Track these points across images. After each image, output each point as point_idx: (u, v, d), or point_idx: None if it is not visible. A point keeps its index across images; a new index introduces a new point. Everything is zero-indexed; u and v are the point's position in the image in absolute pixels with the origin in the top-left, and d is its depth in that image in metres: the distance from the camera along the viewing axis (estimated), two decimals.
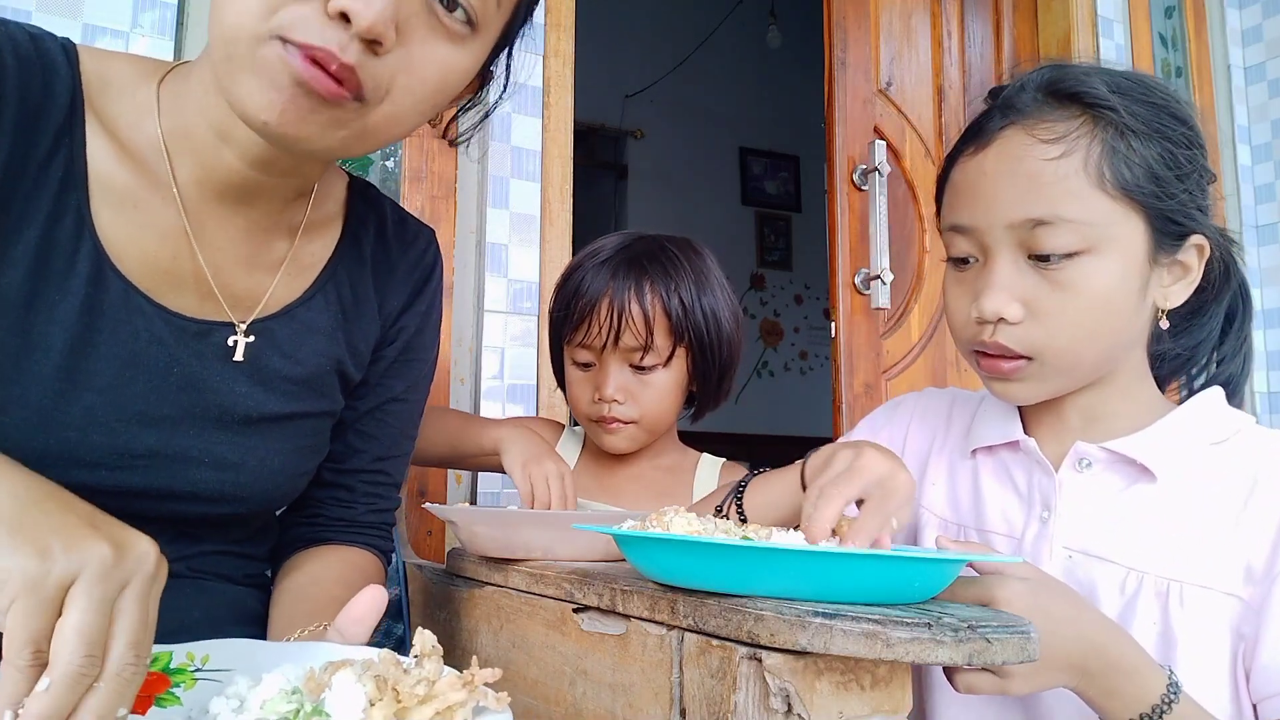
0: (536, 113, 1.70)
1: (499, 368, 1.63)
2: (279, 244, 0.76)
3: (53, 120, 0.65)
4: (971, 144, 0.83)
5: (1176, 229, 0.78)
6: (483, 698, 0.52)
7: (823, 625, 0.49)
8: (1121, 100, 0.77)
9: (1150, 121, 0.77)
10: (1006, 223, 0.78)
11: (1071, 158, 0.76)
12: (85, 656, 0.41)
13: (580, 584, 0.69)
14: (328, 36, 0.58)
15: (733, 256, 5.13)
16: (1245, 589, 0.74)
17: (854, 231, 2.09)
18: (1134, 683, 0.68)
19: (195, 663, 0.55)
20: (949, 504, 0.93)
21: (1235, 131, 2.58)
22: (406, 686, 0.49)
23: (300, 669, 0.52)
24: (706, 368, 1.13)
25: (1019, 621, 0.52)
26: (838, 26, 2.13)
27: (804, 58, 4.59)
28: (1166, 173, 0.77)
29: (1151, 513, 0.80)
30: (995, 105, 0.83)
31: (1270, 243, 2.55)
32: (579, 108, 1.79)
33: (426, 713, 0.49)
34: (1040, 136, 0.77)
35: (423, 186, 1.58)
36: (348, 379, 0.83)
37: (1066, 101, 0.78)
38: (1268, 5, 2.58)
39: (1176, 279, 0.81)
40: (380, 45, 0.59)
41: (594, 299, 1.09)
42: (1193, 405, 0.84)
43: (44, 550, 0.42)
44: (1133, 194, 0.76)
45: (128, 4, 1.35)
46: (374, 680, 0.49)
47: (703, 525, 0.63)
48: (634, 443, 1.14)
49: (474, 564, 0.86)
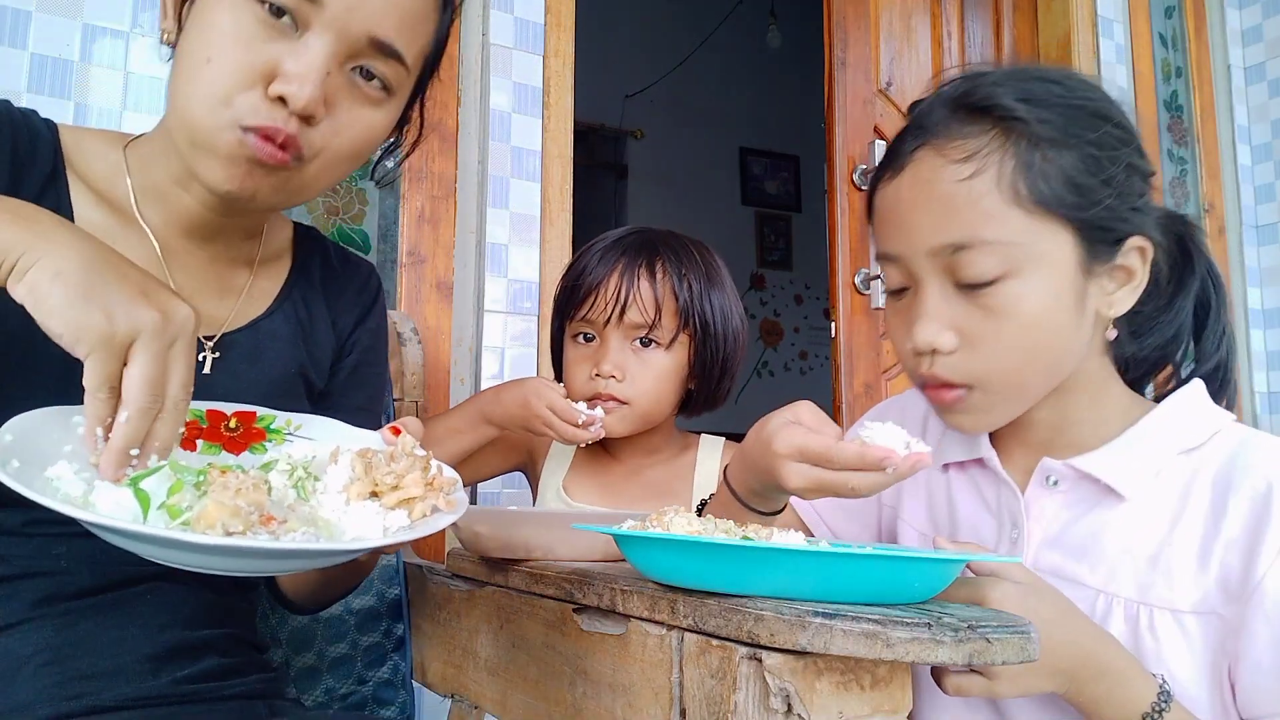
0: (536, 113, 1.70)
1: (499, 368, 1.63)
2: (239, 274, 0.87)
3: (40, 170, 0.76)
4: (889, 169, 0.79)
5: (1109, 235, 0.74)
6: (439, 498, 0.63)
7: (823, 625, 0.49)
8: (1032, 109, 0.73)
9: (1065, 127, 0.73)
10: (927, 250, 0.74)
11: (984, 176, 0.72)
12: (151, 396, 0.55)
13: (580, 584, 0.69)
14: (274, 116, 0.70)
15: (733, 256, 5.08)
16: (1225, 607, 0.72)
17: (854, 231, 2.08)
18: (1123, 690, 0.68)
19: (289, 428, 0.74)
20: (927, 518, 0.92)
21: (1235, 131, 2.58)
22: (380, 474, 0.62)
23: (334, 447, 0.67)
24: (709, 361, 1.12)
25: (1019, 621, 0.52)
26: (838, 26, 2.13)
27: (804, 58, 4.59)
28: (1088, 179, 0.72)
29: (1121, 532, 0.77)
30: (908, 126, 0.79)
31: (1270, 243, 2.55)
32: (579, 108, 1.79)
33: (392, 499, 0.61)
34: (951, 157, 0.73)
35: (423, 186, 1.58)
36: (311, 385, 0.89)
37: (977, 116, 0.74)
38: (1268, 5, 2.58)
39: (1120, 284, 0.77)
40: (313, 118, 0.71)
41: (603, 274, 1.09)
42: (1168, 406, 0.80)
43: (110, 315, 0.54)
44: (1052, 207, 0.72)
45: (128, 4, 1.35)
46: (363, 464, 0.62)
47: (703, 525, 0.63)
48: (626, 424, 1.12)
49: (474, 564, 0.86)
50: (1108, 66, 2.38)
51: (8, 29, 1.27)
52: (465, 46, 1.65)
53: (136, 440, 0.55)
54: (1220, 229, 2.52)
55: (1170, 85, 2.50)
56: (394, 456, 0.64)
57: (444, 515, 0.63)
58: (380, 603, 1.11)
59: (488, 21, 1.67)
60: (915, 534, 0.93)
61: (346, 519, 0.60)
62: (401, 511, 0.61)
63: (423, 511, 0.62)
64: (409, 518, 0.61)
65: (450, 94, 1.62)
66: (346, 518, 0.60)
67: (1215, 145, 2.54)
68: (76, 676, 0.68)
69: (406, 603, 1.09)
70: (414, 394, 1.28)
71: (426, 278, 1.57)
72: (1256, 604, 0.70)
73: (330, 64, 0.71)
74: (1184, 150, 2.50)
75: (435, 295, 1.57)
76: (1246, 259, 2.54)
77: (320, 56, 0.70)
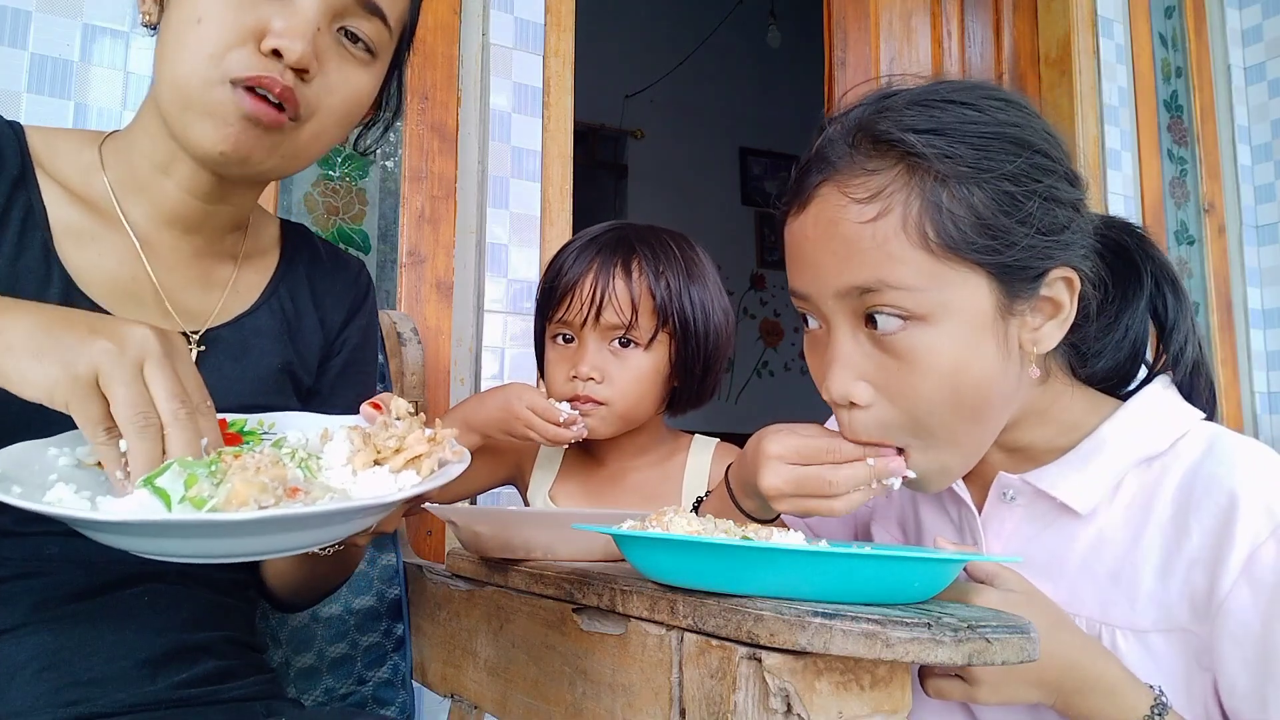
0: (536, 113, 1.70)
1: (499, 368, 1.63)
2: (223, 268, 0.86)
3: (7, 175, 0.75)
4: (795, 201, 0.73)
5: (1028, 272, 0.68)
6: (444, 451, 0.63)
7: (822, 625, 0.49)
8: (939, 142, 0.66)
9: (977, 162, 0.66)
10: (833, 292, 0.68)
11: (888, 218, 0.65)
12: (139, 414, 0.55)
13: (580, 584, 0.69)
14: (268, 67, 0.71)
15: (733, 256, 5.13)
16: (1195, 624, 0.69)
17: None
18: (1112, 703, 0.67)
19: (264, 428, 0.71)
20: (898, 526, 0.92)
21: (1235, 131, 2.58)
22: (380, 440, 0.62)
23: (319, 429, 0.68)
24: (690, 359, 1.09)
25: (1019, 621, 0.52)
26: (838, 26, 2.13)
27: (804, 58, 4.59)
28: (1002, 220, 0.65)
29: (1081, 550, 0.75)
30: (812, 156, 0.72)
31: (1270, 243, 2.55)
32: (579, 108, 1.79)
33: (399, 461, 0.61)
34: (853, 196, 0.67)
35: (423, 186, 1.58)
36: (298, 381, 0.89)
37: (882, 149, 0.67)
38: (1268, 5, 2.59)
39: (1047, 317, 0.70)
40: (307, 73, 0.73)
41: (578, 274, 1.07)
42: (1130, 410, 0.76)
43: (67, 362, 0.54)
44: (963, 253, 0.65)
45: (127, 4, 1.35)
46: (360, 435, 0.63)
47: (702, 525, 0.63)
48: (607, 425, 1.09)
49: (474, 564, 0.86)
50: (1108, 66, 2.38)
51: (8, 29, 1.27)
52: (465, 46, 1.65)
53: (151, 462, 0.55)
54: (1220, 229, 2.52)
55: (1170, 85, 2.50)
56: (388, 423, 0.64)
57: (455, 465, 0.63)
58: (380, 603, 1.11)
59: (488, 21, 1.67)
60: (888, 538, 0.92)
61: (358, 489, 0.60)
62: (410, 472, 0.61)
63: (430, 468, 0.62)
64: (419, 475, 0.61)
65: (450, 94, 1.62)
66: (358, 488, 0.60)
67: (1215, 145, 2.54)
68: (73, 683, 0.68)
69: (406, 603, 1.09)
70: (414, 394, 1.28)
71: (426, 278, 1.57)
72: (1222, 625, 0.68)
73: (320, 20, 0.73)
74: (1184, 150, 2.50)
75: (435, 295, 1.57)
76: (1246, 259, 2.54)
77: (311, 12, 0.73)
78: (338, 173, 1.50)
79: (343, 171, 1.51)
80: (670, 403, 1.15)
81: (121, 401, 0.55)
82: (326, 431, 0.66)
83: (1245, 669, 0.67)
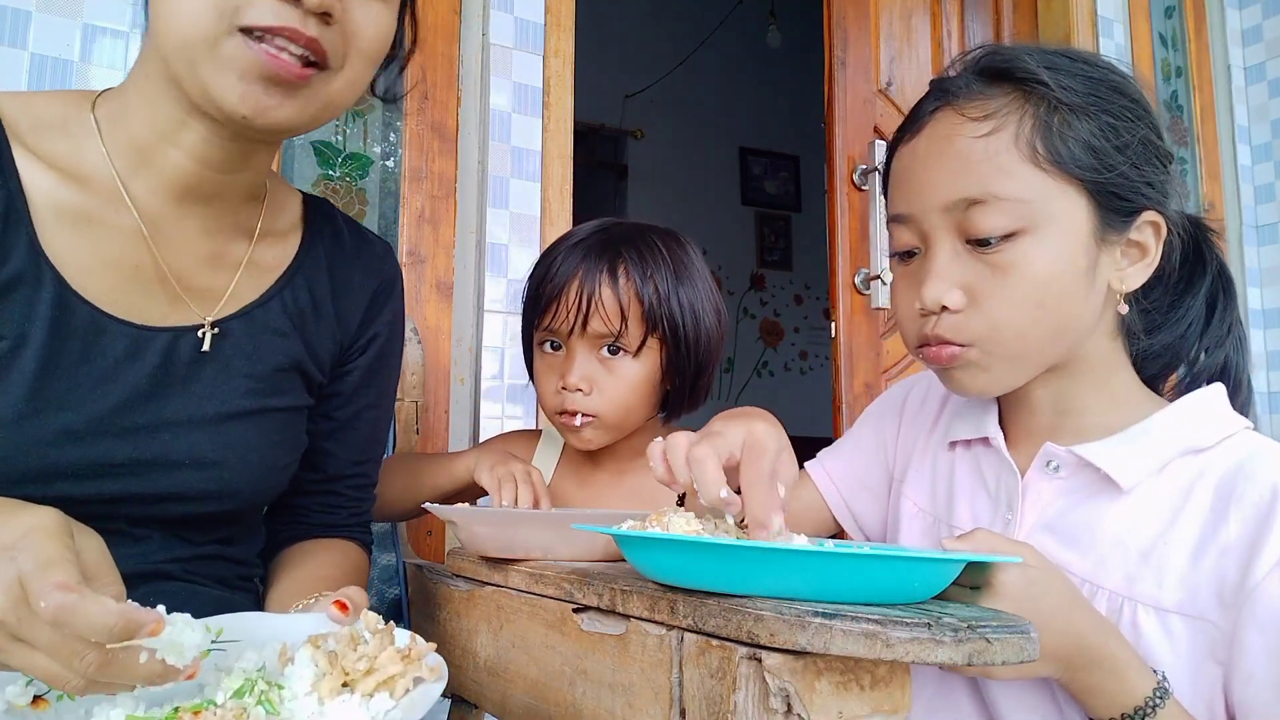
0: (536, 113, 1.70)
1: (499, 368, 1.63)
2: (237, 245, 0.80)
3: None
4: (908, 131, 0.80)
5: (1123, 205, 0.74)
6: (419, 669, 0.58)
7: (822, 625, 0.49)
8: (1054, 75, 0.74)
9: (1086, 95, 0.74)
10: (940, 205, 0.75)
11: (1001, 134, 0.73)
12: (8, 640, 0.48)
13: (580, 584, 0.69)
14: (287, 16, 0.63)
15: (733, 256, 5.14)
16: (1218, 614, 0.70)
17: (854, 231, 2.09)
18: (1116, 682, 0.68)
19: (213, 634, 0.60)
20: (927, 494, 0.92)
21: (1235, 131, 2.58)
22: (350, 663, 0.56)
23: (277, 647, 0.61)
24: (681, 363, 1.06)
25: (1019, 621, 0.52)
26: (838, 26, 2.13)
27: (804, 58, 4.59)
28: (1104, 144, 0.73)
29: (1116, 525, 0.76)
30: (929, 92, 0.80)
31: (1270, 243, 2.55)
32: (579, 108, 1.80)
33: (370, 684, 0.56)
34: (969, 115, 0.74)
35: (423, 186, 1.58)
36: (310, 378, 0.86)
37: (998, 80, 0.76)
38: (1268, 5, 2.59)
39: (1133, 261, 0.77)
40: (330, 16, 0.65)
41: (563, 281, 1.03)
42: (1183, 405, 0.79)
43: None
44: (1068, 168, 0.72)
45: (127, 4, 1.35)
46: (325, 656, 0.57)
47: (702, 525, 0.63)
48: (600, 436, 1.07)
49: (474, 564, 0.86)
50: None
51: (8, 29, 1.27)
52: (465, 46, 1.65)
53: (62, 680, 0.49)
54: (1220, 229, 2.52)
55: (1170, 85, 2.50)
56: (356, 638, 0.59)
57: (432, 685, 0.58)
58: (380, 603, 1.11)
59: (488, 21, 1.67)
60: (912, 506, 0.93)
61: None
62: (383, 695, 0.56)
63: (405, 688, 0.57)
64: (393, 699, 0.56)
65: (450, 94, 1.62)
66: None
67: (1215, 145, 2.54)
68: None
69: (406, 603, 1.09)
70: (414, 394, 1.28)
71: (426, 278, 1.57)
72: (1249, 612, 0.69)
73: None
74: (1184, 150, 2.50)
75: (435, 295, 1.57)
76: (1246, 259, 2.54)
77: None
78: (338, 173, 1.51)
79: (342, 171, 1.51)
80: (665, 405, 1.13)
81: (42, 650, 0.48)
82: (285, 650, 0.60)
83: (1266, 656, 0.68)
